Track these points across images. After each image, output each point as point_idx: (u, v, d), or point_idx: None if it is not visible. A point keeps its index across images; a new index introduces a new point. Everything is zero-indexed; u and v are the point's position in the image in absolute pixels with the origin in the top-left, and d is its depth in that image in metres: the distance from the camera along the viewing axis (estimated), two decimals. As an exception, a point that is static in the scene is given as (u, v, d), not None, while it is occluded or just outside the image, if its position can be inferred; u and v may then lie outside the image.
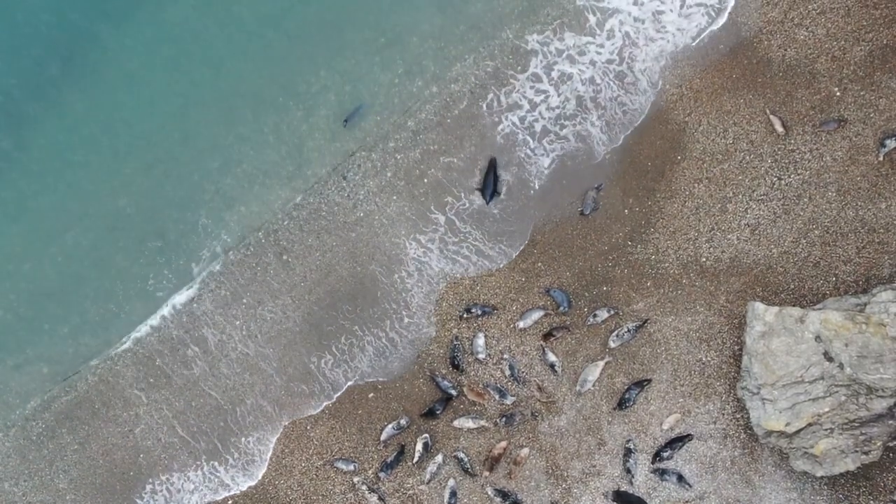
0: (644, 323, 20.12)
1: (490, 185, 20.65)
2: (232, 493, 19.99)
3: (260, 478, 20.03)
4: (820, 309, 18.67)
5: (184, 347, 20.43)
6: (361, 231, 20.75)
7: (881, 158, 20.28)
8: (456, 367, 20.18)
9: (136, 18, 21.32)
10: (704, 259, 20.31)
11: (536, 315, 20.26)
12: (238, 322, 20.48)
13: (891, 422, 18.03)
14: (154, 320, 20.38)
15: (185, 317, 20.48)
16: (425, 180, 20.93)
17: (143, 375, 20.36)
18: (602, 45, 21.13)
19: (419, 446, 19.82)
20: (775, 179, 20.46)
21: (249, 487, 20.01)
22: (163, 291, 20.65)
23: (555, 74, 21.09)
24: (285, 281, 20.60)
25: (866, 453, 18.11)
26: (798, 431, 18.22)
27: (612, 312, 20.19)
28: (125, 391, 20.29)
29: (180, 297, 20.43)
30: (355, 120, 20.93)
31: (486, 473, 19.80)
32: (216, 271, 20.62)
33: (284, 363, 20.40)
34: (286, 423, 20.20)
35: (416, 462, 19.82)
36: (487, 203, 20.66)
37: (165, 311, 20.38)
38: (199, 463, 20.09)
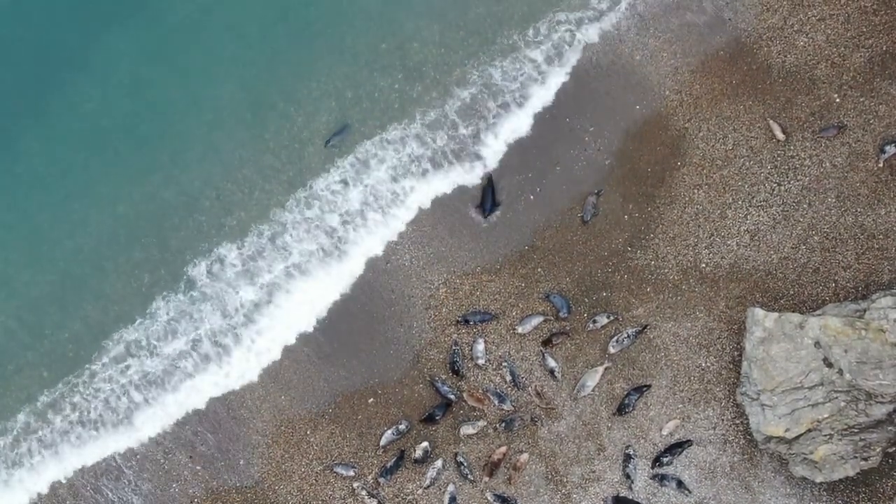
0: (644, 328, 20.12)
1: (488, 200, 20.67)
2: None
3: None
4: (819, 315, 18.66)
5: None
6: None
7: (881, 164, 20.30)
8: (456, 372, 20.18)
9: (135, 24, 21.38)
10: (704, 265, 20.32)
11: (536, 320, 20.26)
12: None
13: (890, 428, 18.02)
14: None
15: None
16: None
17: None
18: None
19: (418, 452, 19.82)
20: (775, 185, 20.48)
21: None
22: (163, 296, 20.70)
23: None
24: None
25: (865, 459, 18.09)
26: (797, 437, 18.21)
27: (611, 318, 20.20)
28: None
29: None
30: (338, 139, 20.97)
31: (486, 479, 19.78)
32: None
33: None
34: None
35: (416, 461, 19.79)
36: (485, 218, 20.69)
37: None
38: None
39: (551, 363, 20.07)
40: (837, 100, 20.68)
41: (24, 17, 21.31)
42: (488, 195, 20.71)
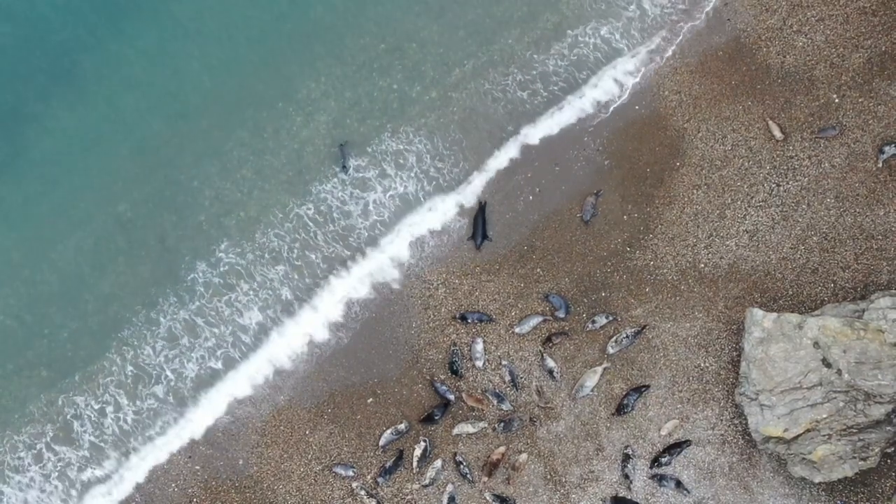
0: (642, 329, 20.13)
1: (480, 230, 20.62)
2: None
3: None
4: (818, 315, 18.68)
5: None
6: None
7: (879, 165, 20.32)
8: (455, 372, 20.19)
9: (136, 24, 21.39)
10: (703, 265, 20.33)
11: (535, 321, 20.27)
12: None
13: (888, 428, 18.04)
14: None
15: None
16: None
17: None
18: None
19: (417, 452, 19.82)
20: (774, 186, 20.50)
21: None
22: (162, 296, 20.71)
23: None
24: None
25: (864, 459, 18.11)
26: (796, 437, 18.22)
27: (610, 318, 20.21)
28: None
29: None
30: (349, 156, 20.99)
31: (485, 479, 19.79)
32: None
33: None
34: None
35: (416, 467, 19.82)
36: (478, 248, 20.65)
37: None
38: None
39: (550, 363, 20.08)
40: (836, 100, 20.70)
41: (27, 17, 21.31)
42: (479, 226, 20.65)
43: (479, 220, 20.69)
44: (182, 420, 20.40)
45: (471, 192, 20.98)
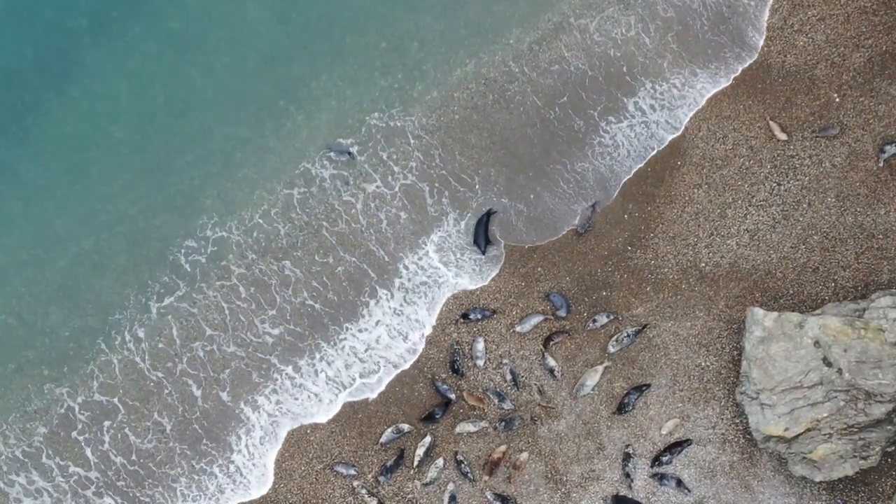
0: (643, 328, 20.15)
1: (482, 237, 20.53)
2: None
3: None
4: (819, 314, 18.70)
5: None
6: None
7: (880, 164, 20.35)
8: (456, 371, 20.20)
9: (135, 22, 21.39)
10: (704, 264, 20.35)
11: (536, 320, 20.28)
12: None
13: (889, 427, 18.06)
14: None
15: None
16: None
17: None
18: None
19: (419, 451, 19.84)
20: (775, 185, 20.52)
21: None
22: (164, 295, 20.68)
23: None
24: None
25: (865, 458, 18.13)
26: (797, 436, 18.24)
27: (611, 317, 20.22)
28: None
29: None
30: (343, 150, 20.96)
31: (486, 478, 19.81)
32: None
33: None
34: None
35: (417, 466, 19.84)
36: (483, 253, 20.56)
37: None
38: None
39: (551, 362, 20.10)
40: (837, 99, 20.72)
41: (23, 20, 21.31)
42: (481, 233, 20.57)
43: (481, 226, 20.61)
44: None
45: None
